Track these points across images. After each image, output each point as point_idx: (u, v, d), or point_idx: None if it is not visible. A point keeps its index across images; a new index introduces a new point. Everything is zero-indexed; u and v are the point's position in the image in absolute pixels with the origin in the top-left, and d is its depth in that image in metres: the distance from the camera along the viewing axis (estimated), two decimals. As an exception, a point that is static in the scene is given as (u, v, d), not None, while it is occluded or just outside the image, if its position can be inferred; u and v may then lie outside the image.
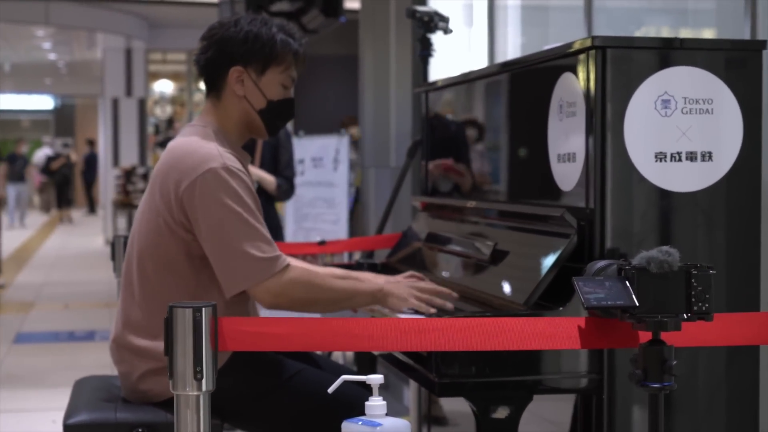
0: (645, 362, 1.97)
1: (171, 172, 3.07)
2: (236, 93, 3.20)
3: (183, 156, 3.07)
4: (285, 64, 3.23)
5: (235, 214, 2.99)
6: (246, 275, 2.98)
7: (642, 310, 1.96)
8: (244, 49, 3.17)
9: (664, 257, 1.96)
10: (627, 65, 2.88)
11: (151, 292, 3.11)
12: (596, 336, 2.13)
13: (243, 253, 2.97)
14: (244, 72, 3.19)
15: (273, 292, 2.99)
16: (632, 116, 2.87)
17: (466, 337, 2.12)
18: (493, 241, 3.29)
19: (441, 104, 4.19)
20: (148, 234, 3.12)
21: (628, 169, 2.88)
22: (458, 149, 4.01)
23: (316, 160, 7.47)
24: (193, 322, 2.04)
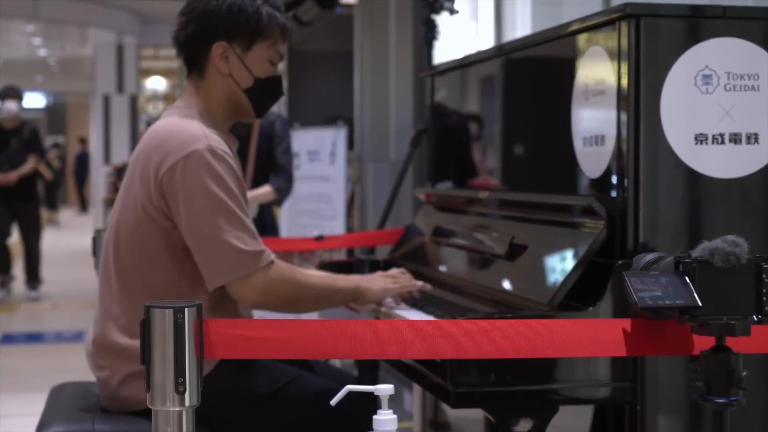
0: (708, 373, 1.67)
1: (152, 155, 2.79)
2: (220, 71, 2.94)
3: (165, 137, 2.80)
4: (272, 38, 2.96)
5: (219, 201, 2.73)
6: (228, 267, 2.73)
7: (705, 311, 1.65)
8: (228, 22, 2.90)
9: (731, 248, 1.66)
10: (663, 36, 2.57)
11: (130, 286, 2.84)
12: (645, 341, 1.83)
13: (226, 243, 2.72)
14: (229, 48, 2.93)
15: (259, 289, 2.76)
16: (669, 93, 2.56)
17: (493, 342, 1.82)
18: (510, 234, 2.98)
19: (448, 89, 3.88)
20: (126, 223, 2.84)
21: (664, 153, 2.57)
22: (467, 136, 3.70)
23: (312, 154, 7.16)
24: (174, 324, 1.73)
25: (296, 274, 2.88)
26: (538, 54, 3.12)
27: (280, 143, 5.50)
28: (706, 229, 2.61)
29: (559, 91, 2.92)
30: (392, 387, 2.27)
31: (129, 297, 2.83)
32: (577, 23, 2.80)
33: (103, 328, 2.88)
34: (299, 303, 2.94)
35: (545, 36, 3.04)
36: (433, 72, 3.96)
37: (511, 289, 2.84)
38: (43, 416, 2.95)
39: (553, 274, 2.66)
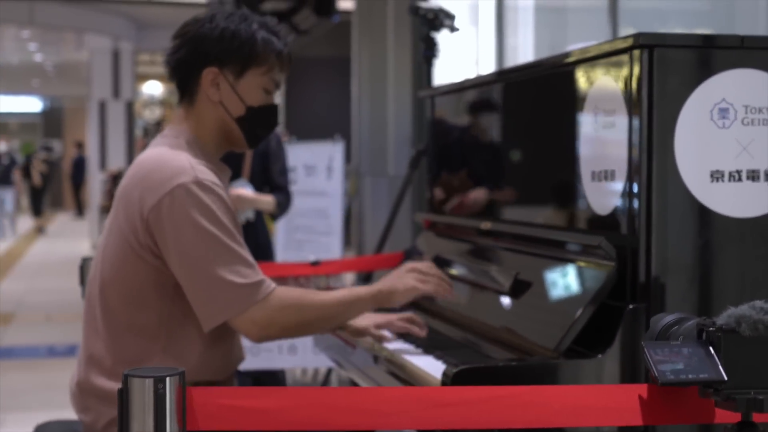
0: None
1: (136, 189, 2.64)
2: (211, 98, 2.78)
3: (150, 170, 2.65)
4: (267, 65, 2.79)
5: (209, 235, 2.57)
6: (225, 305, 2.57)
7: (731, 384, 1.51)
8: (220, 47, 2.75)
9: (759, 315, 1.51)
10: (678, 67, 2.44)
11: (116, 327, 2.69)
12: (663, 410, 1.68)
13: (220, 279, 2.56)
14: (220, 74, 2.77)
15: (260, 323, 2.60)
16: (684, 128, 2.42)
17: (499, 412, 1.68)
18: (514, 269, 2.85)
19: (450, 111, 3.74)
20: (112, 260, 2.69)
21: (678, 191, 2.44)
22: (469, 162, 3.56)
23: (308, 168, 7.01)
24: (155, 395, 1.59)
25: (301, 297, 2.71)
26: (546, 80, 2.98)
27: (276, 162, 5.34)
28: (723, 271, 2.47)
29: (566, 121, 2.79)
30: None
31: (115, 338, 2.69)
32: (586, 51, 2.66)
33: (87, 371, 2.74)
34: (310, 326, 2.79)
35: (551, 63, 2.90)
36: (432, 93, 3.82)
37: (516, 329, 2.70)
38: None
39: (560, 316, 2.52)
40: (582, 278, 2.56)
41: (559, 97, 2.89)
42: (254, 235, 5.25)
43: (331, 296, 2.80)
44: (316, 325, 2.82)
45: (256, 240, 5.26)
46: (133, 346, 2.68)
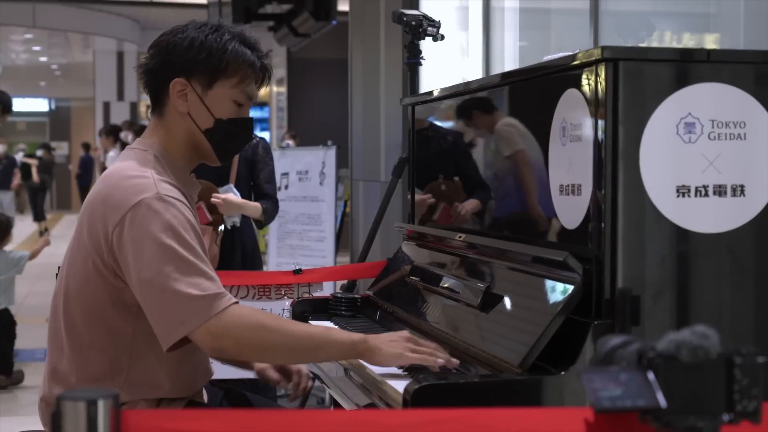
0: (674, 480, 1.50)
1: (99, 209, 2.58)
2: (178, 109, 2.73)
3: (113, 189, 2.59)
4: (238, 77, 2.73)
5: (167, 249, 2.49)
6: (183, 318, 2.47)
7: (670, 410, 1.48)
8: (187, 57, 2.70)
9: (699, 342, 1.48)
10: (643, 81, 2.41)
11: (80, 344, 2.64)
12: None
13: (177, 292, 2.47)
14: (188, 85, 2.71)
15: (214, 333, 2.48)
16: (649, 142, 2.40)
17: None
18: (485, 283, 2.82)
19: (429, 120, 3.71)
20: (75, 276, 2.64)
21: (643, 206, 2.41)
22: (446, 171, 3.54)
23: (301, 174, 6.99)
24: (87, 419, 1.56)
25: (263, 317, 2.58)
26: (517, 92, 2.96)
27: (264, 169, 5.29)
28: (690, 287, 2.44)
29: (537, 134, 2.77)
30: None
31: (79, 355, 2.63)
32: (555, 63, 2.63)
33: (50, 387, 2.70)
34: (269, 351, 2.62)
35: (523, 74, 2.87)
36: (414, 101, 3.80)
37: (483, 345, 2.66)
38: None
39: (525, 332, 2.49)
40: (549, 294, 2.53)
41: (529, 109, 2.86)
42: (241, 240, 5.23)
43: (302, 327, 2.68)
44: (276, 353, 2.65)
45: (243, 245, 5.23)
46: (96, 363, 2.62)
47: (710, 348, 1.50)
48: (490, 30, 5.46)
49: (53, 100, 35.51)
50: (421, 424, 1.67)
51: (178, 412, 1.64)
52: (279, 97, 20.06)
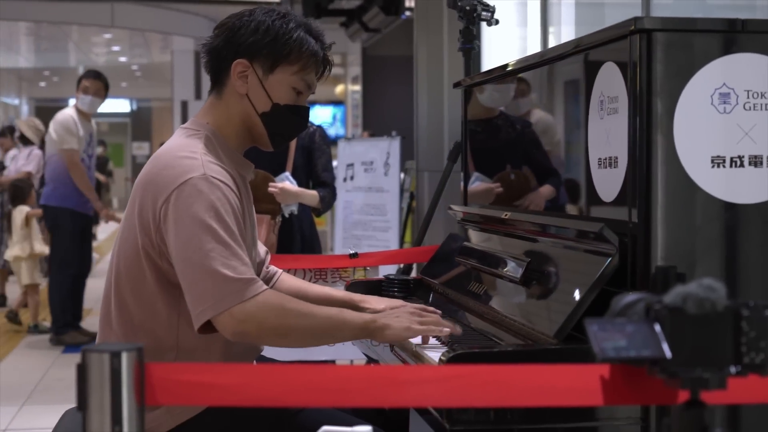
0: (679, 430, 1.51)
1: (149, 188, 2.63)
2: (238, 90, 2.75)
3: (163, 169, 2.64)
4: (300, 64, 2.76)
5: (207, 228, 2.53)
6: (215, 298, 2.50)
7: (676, 362, 1.50)
8: (252, 40, 2.73)
9: (706, 294, 1.50)
10: (678, 52, 2.41)
11: (129, 323, 2.69)
12: (624, 390, 1.68)
13: (212, 273, 2.50)
14: (250, 67, 2.74)
15: (237, 317, 2.51)
16: (684, 113, 2.40)
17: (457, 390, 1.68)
18: (527, 258, 2.84)
19: (478, 102, 3.74)
20: (125, 256, 2.69)
21: (678, 177, 2.41)
22: (495, 151, 3.56)
23: (366, 164, 7.04)
24: (111, 370, 1.62)
25: (285, 301, 2.61)
26: (559, 68, 2.97)
27: (321, 157, 5.32)
28: (724, 257, 2.44)
29: (577, 108, 2.78)
30: (370, 428, 2.15)
31: (128, 334, 2.67)
32: (593, 37, 2.64)
33: None
34: (290, 334, 2.64)
35: (565, 50, 2.88)
36: (465, 85, 3.82)
37: (522, 317, 2.69)
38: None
39: (562, 303, 2.51)
40: (587, 265, 2.54)
41: (569, 85, 2.88)
42: (300, 228, 5.28)
43: (320, 310, 2.68)
44: (297, 335, 2.67)
45: (302, 233, 5.29)
46: (146, 341, 2.63)
47: (717, 300, 1.51)
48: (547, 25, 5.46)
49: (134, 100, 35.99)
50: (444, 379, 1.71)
51: (201, 365, 1.68)
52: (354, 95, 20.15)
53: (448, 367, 1.77)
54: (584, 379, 1.70)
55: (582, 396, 1.70)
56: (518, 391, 1.70)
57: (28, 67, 26.32)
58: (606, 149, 2.59)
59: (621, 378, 1.68)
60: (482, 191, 3.68)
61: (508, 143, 3.47)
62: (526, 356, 2.39)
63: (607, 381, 1.69)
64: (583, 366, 1.71)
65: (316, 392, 1.70)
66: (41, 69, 27.13)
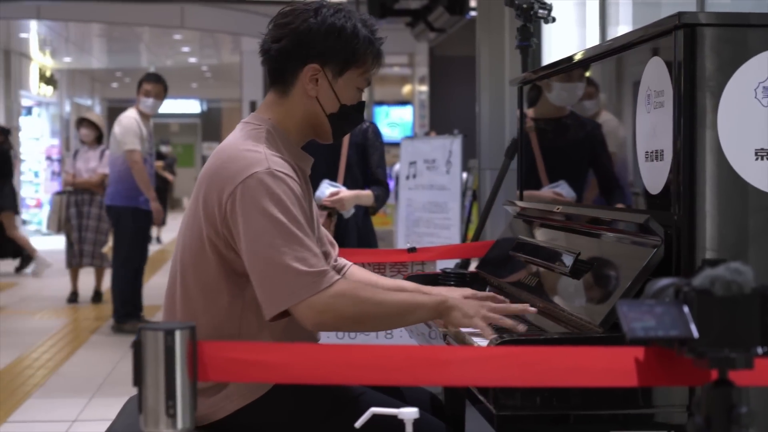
0: (708, 408, 1.57)
1: (214, 180, 2.71)
2: (308, 93, 2.81)
3: (227, 162, 2.71)
4: (365, 66, 2.84)
5: (277, 223, 2.60)
6: (288, 292, 2.59)
7: (703, 342, 1.55)
8: (325, 45, 2.78)
9: (733, 276, 1.55)
10: (722, 46, 2.45)
11: (193, 310, 2.77)
12: (657, 372, 1.73)
13: (285, 266, 2.58)
14: (321, 71, 2.80)
15: (316, 308, 2.59)
16: (727, 106, 2.44)
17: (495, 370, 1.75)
18: (577, 250, 2.90)
19: (532, 98, 3.80)
20: (190, 246, 2.77)
21: (722, 169, 2.46)
22: (549, 146, 3.62)
23: (428, 162, 7.11)
24: (165, 347, 1.71)
25: (360, 290, 2.69)
26: (609, 63, 3.02)
27: (374, 154, 5.36)
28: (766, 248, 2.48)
29: (626, 103, 2.83)
30: (416, 411, 2.23)
31: (192, 321, 2.77)
32: (639, 32, 2.70)
33: None
34: (367, 320, 2.74)
35: (615, 46, 2.93)
36: (521, 81, 3.88)
37: (570, 307, 2.75)
38: (109, 427, 2.97)
39: (608, 293, 2.57)
40: (633, 257, 2.59)
41: (618, 80, 2.93)
42: (356, 226, 5.35)
43: (393, 296, 2.77)
44: (373, 321, 2.77)
45: (358, 231, 5.35)
46: (208, 329, 2.72)
47: (744, 283, 1.57)
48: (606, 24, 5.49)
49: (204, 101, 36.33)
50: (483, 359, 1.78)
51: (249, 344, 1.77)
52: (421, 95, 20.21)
53: (488, 348, 1.84)
54: (619, 360, 1.76)
55: (617, 377, 1.76)
56: (555, 371, 1.77)
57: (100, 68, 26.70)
58: (652, 142, 2.63)
59: (654, 360, 1.74)
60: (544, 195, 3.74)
61: (562, 138, 3.52)
62: (571, 343, 2.44)
63: (642, 362, 1.75)
64: (618, 348, 1.77)
65: (360, 370, 1.77)
66: (113, 70, 27.51)
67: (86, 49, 22.60)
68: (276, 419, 2.75)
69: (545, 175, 3.65)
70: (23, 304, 11.35)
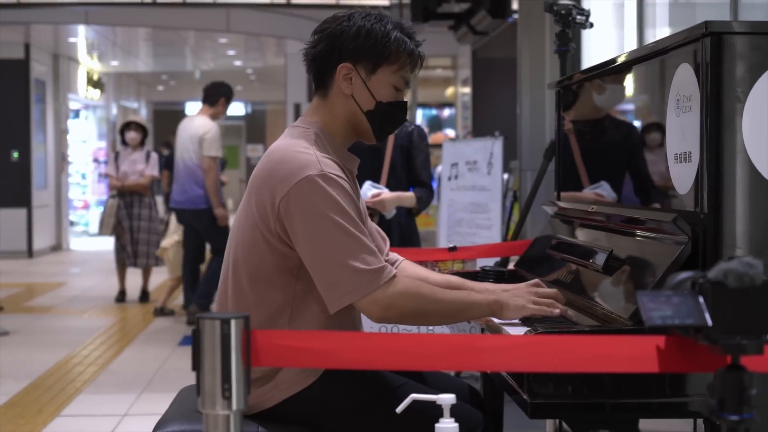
0: (721, 391, 1.70)
1: (267, 181, 2.87)
2: (343, 91, 2.98)
3: (279, 163, 2.87)
4: (398, 64, 2.99)
5: (334, 224, 2.78)
6: (350, 289, 2.78)
7: (717, 330, 1.68)
8: (355, 44, 2.94)
9: (745, 269, 1.68)
10: (746, 53, 2.58)
11: (246, 304, 2.93)
12: (677, 358, 1.86)
13: (346, 266, 2.76)
14: (354, 69, 2.96)
15: (381, 304, 2.79)
16: (752, 111, 2.57)
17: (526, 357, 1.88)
18: (610, 248, 3.03)
19: (569, 102, 3.93)
20: (244, 244, 2.93)
21: (746, 170, 2.58)
22: (584, 149, 3.74)
23: (470, 164, 7.24)
24: (221, 335, 1.86)
25: (422, 288, 2.89)
26: (641, 69, 3.15)
27: (418, 156, 5.49)
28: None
29: (657, 107, 2.95)
30: (453, 396, 2.37)
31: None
32: (669, 40, 2.82)
33: None
34: (427, 316, 2.95)
35: (647, 52, 3.06)
36: (558, 85, 4.01)
37: (603, 302, 2.88)
38: (164, 414, 3.12)
39: (639, 288, 2.69)
40: (660, 253, 2.72)
41: (651, 84, 3.05)
42: (398, 226, 5.49)
43: (451, 294, 2.96)
44: (433, 317, 2.97)
45: (401, 231, 5.49)
46: (260, 322, 2.88)
47: (755, 275, 1.70)
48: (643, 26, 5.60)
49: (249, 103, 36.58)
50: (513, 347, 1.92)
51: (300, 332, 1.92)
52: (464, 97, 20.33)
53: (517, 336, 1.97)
54: (642, 348, 1.89)
55: (639, 363, 1.89)
56: (582, 358, 1.90)
57: (146, 72, 26.99)
58: (681, 144, 2.76)
59: (674, 347, 1.87)
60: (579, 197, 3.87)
61: (598, 140, 3.65)
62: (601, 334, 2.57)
63: (662, 350, 1.88)
64: (641, 337, 1.90)
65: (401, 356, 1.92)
66: (159, 73, 27.80)
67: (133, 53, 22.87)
68: (321, 408, 2.90)
69: (583, 176, 3.77)
70: (71, 303, 11.58)
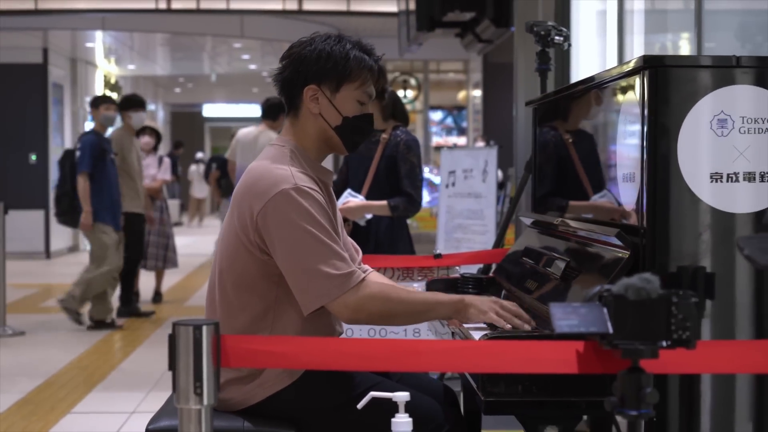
0: (623, 389, 1.96)
1: (246, 196, 3.15)
2: (312, 111, 3.25)
3: (257, 179, 3.15)
4: (360, 80, 3.25)
5: (307, 233, 3.05)
6: (321, 292, 3.04)
7: (617, 336, 1.94)
8: (318, 67, 3.21)
9: (642, 284, 1.94)
10: (680, 84, 2.84)
11: (231, 309, 3.20)
12: (592, 361, 2.12)
13: (317, 271, 3.03)
14: (319, 90, 3.23)
15: (351, 307, 3.05)
16: (686, 136, 2.83)
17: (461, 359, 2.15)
18: (568, 258, 3.29)
19: (542, 119, 4.19)
20: (228, 254, 3.21)
21: (681, 189, 2.84)
22: (555, 165, 4.01)
23: (466, 172, 7.51)
24: (194, 339, 2.14)
25: (389, 291, 3.14)
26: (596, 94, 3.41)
27: (403, 165, 5.73)
28: (722, 260, 2.86)
29: (610, 130, 3.21)
30: (408, 394, 2.64)
31: (230, 319, 3.18)
32: (616, 70, 3.09)
33: None
34: (394, 318, 3.21)
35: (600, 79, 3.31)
36: (535, 103, 4.27)
37: (557, 309, 3.14)
38: (158, 411, 3.39)
39: (584, 296, 2.95)
40: (605, 264, 2.99)
41: (605, 108, 3.32)
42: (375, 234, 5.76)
43: (416, 295, 3.23)
44: (400, 318, 3.24)
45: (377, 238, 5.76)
46: (244, 323, 3.16)
47: (651, 290, 1.96)
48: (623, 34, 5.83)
49: (265, 105, 36.80)
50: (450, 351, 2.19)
51: (265, 337, 2.19)
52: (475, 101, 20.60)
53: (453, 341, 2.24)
54: (563, 352, 2.16)
55: (560, 365, 2.16)
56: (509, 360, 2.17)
57: (163, 75, 27.32)
58: (628, 166, 3.02)
59: (590, 351, 2.14)
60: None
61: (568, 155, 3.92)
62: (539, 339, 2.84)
63: (581, 354, 2.14)
64: (563, 342, 2.17)
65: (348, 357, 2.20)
66: (176, 76, 28.14)
67: (150, 57, 23.18)
68: (301, 405, 3.18)
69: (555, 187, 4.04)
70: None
